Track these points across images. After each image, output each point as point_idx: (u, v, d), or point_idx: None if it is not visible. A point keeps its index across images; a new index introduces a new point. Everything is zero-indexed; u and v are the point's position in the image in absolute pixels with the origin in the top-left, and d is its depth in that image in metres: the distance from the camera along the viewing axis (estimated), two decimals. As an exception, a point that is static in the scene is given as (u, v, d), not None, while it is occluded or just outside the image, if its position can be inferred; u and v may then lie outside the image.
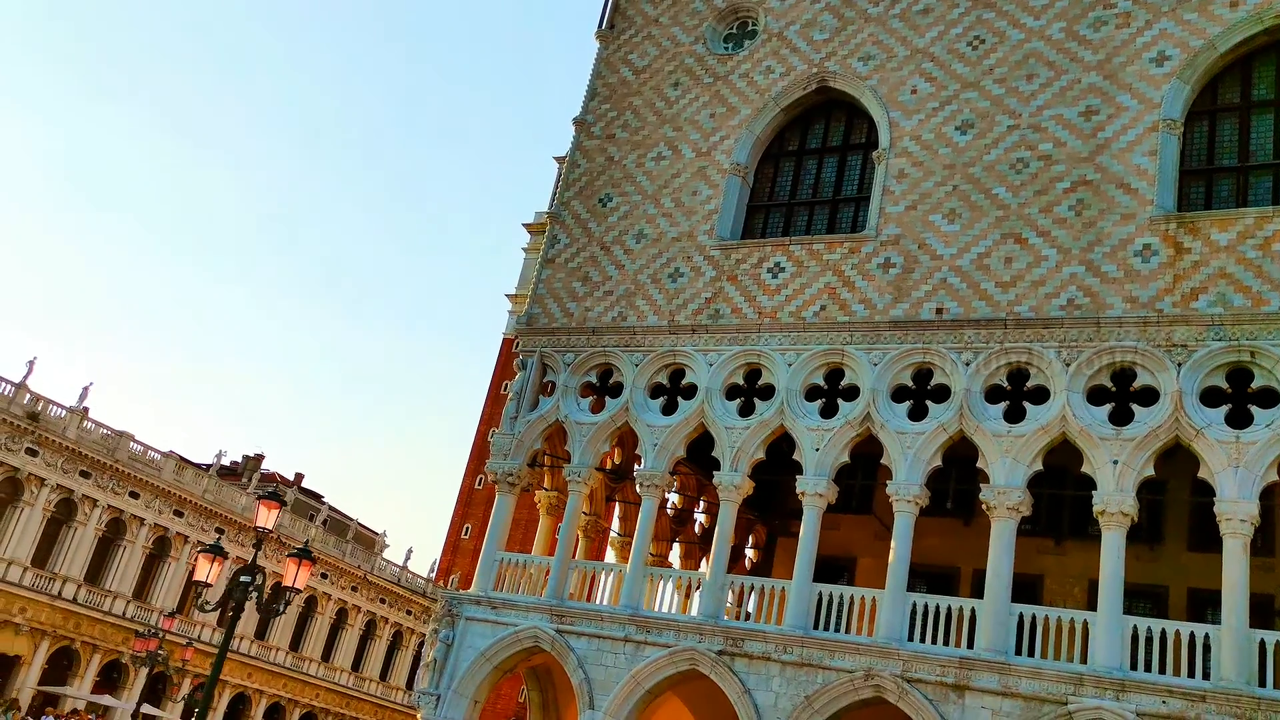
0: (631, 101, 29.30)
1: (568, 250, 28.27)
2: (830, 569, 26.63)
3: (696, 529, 33.25)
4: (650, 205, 27.60)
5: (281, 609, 16.46)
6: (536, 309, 27.87)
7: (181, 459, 65.82)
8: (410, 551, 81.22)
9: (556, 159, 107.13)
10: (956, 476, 23.68)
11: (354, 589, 74.61)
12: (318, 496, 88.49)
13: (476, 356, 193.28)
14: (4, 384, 53.88)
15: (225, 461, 78.75)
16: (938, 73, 25.12)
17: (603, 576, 25.30)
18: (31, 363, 55.19)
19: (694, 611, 24.47)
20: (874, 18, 26.51)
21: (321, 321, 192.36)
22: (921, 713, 19.73)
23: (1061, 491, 23.93)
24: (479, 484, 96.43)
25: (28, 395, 54.87)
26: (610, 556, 31.24)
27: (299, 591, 16.28)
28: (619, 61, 30.11)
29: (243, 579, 15.72)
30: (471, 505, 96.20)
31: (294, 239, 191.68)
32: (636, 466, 30.46)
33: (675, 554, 32.92)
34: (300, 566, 16.15)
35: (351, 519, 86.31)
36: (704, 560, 32.72)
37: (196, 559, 16.34)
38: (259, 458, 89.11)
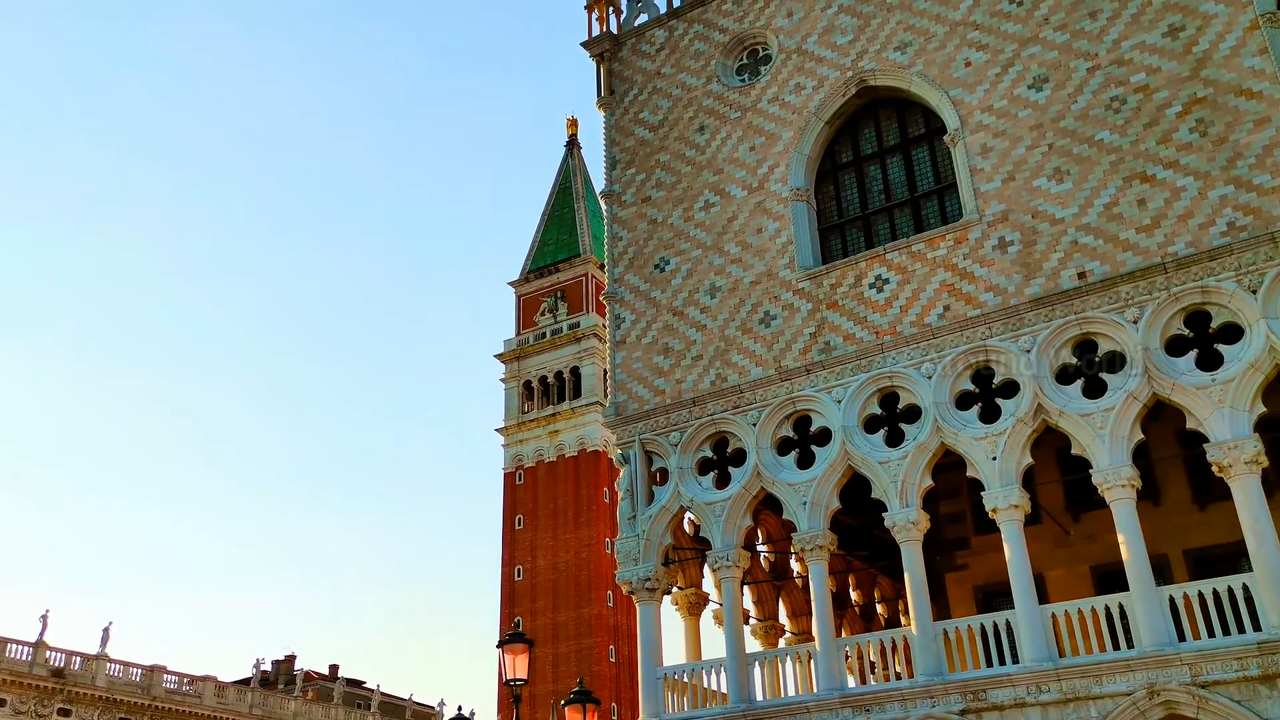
0: (658, 159, 27.27)
1: (636, 327, 25.81)
2: (1010, 594, 23.86)
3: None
4: (714, 256, 25.34)
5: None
6: (621, 396, 25.24)
7: (219, 681, 61.37)
8: (473, 714, 76.13)
9: (511, 284, 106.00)
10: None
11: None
12: (360, 684, 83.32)
13: (483, 498, 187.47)
14: (22, 647, 49.85)
15: (257, 670, 74.08)
16: (987, 39, 23.38)
17: (755, 667, 22.19)
18: (45, 616, 51.30)
19: (880, 678, 21.55)
20: (897, 5, 24.82)
21: (318, 509, 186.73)
22: (1233, 719, 16.81)
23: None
24: (517, 627, 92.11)
25: (48, 652, 50.84)
26: (754, 645, 28.02)
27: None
28: (631, 124, 28.16)
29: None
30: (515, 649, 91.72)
31: (263, 436, 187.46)
32: (759, 541, 27.76)
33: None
34: (588, 712, 13.12)
35: (403, 699, 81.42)
36: (842, 628, 29.74)
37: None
38: (291, 659, 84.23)
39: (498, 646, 13.58)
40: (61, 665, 51.54)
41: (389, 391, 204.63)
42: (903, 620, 31.95)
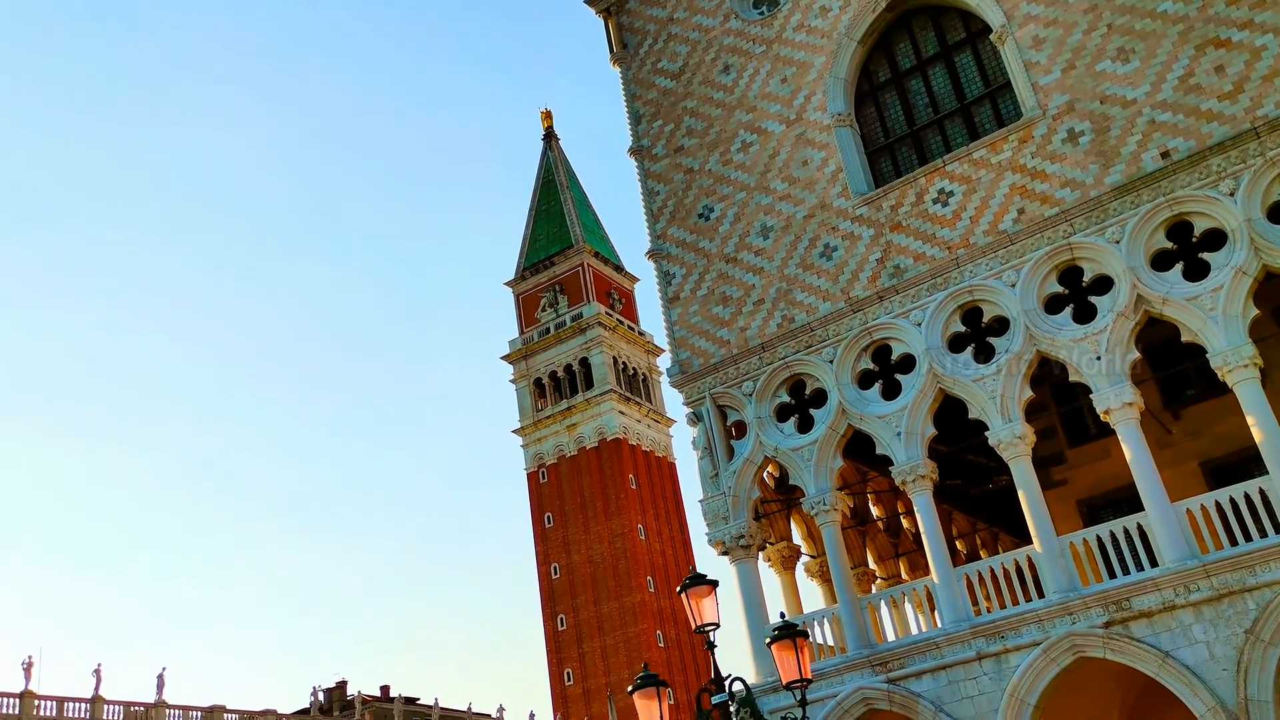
0: (684, 106, 26.12)
1: (689, 281, 24.70)
2: (1116, 504, 22.89)
3: (912, 539, 29.25)
4: (760, 195, 24.22)
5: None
6: (684, 353, 24.15)
7: (279, 714, 60.47)
8: (532, 715, 75.35)
9: (508, 284, 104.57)
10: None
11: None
12: (415, 701, 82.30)
13: (510, 501, 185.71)
14: (78, 704, 48.79)
15: (315, 698, 73.11)
16: (1022, -73, 22.24)
17: (867, 611, 21.19)
18: (98, 671, 50.21)
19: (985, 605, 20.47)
20: (919, -92, 23.70)
21: (348, 535, 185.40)
22: (1407, 589, 15.80)
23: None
24: (561, 625, 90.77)
25: (105, 705, 49.79)
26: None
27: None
28: (650, 74, 27.00)
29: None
30: (562, 647, 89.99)
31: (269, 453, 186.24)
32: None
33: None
34: (800, 647, 12.00)
35: (462, 711, 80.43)
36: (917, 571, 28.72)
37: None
38: (342, 685, 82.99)
39: (679, 592, 12.44)
40: (120, 718, 50.57)
41: (400, 415, 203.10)
42: (982, 554, 30.98)
